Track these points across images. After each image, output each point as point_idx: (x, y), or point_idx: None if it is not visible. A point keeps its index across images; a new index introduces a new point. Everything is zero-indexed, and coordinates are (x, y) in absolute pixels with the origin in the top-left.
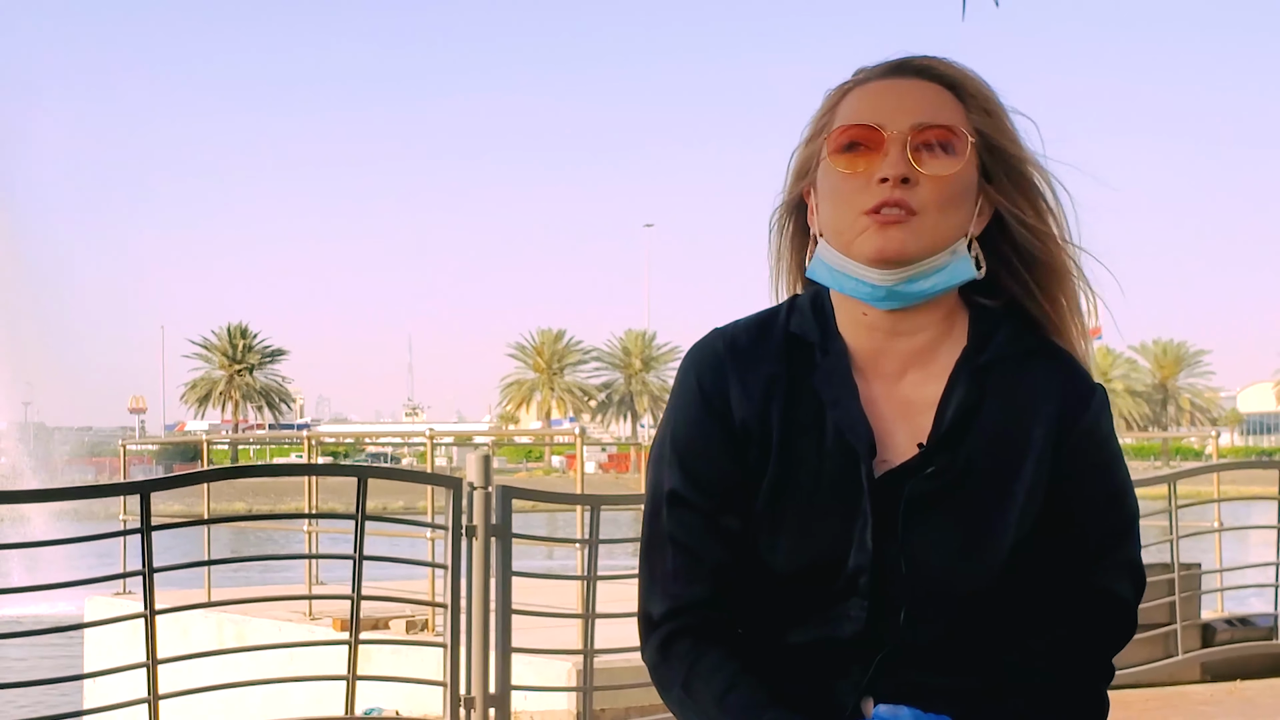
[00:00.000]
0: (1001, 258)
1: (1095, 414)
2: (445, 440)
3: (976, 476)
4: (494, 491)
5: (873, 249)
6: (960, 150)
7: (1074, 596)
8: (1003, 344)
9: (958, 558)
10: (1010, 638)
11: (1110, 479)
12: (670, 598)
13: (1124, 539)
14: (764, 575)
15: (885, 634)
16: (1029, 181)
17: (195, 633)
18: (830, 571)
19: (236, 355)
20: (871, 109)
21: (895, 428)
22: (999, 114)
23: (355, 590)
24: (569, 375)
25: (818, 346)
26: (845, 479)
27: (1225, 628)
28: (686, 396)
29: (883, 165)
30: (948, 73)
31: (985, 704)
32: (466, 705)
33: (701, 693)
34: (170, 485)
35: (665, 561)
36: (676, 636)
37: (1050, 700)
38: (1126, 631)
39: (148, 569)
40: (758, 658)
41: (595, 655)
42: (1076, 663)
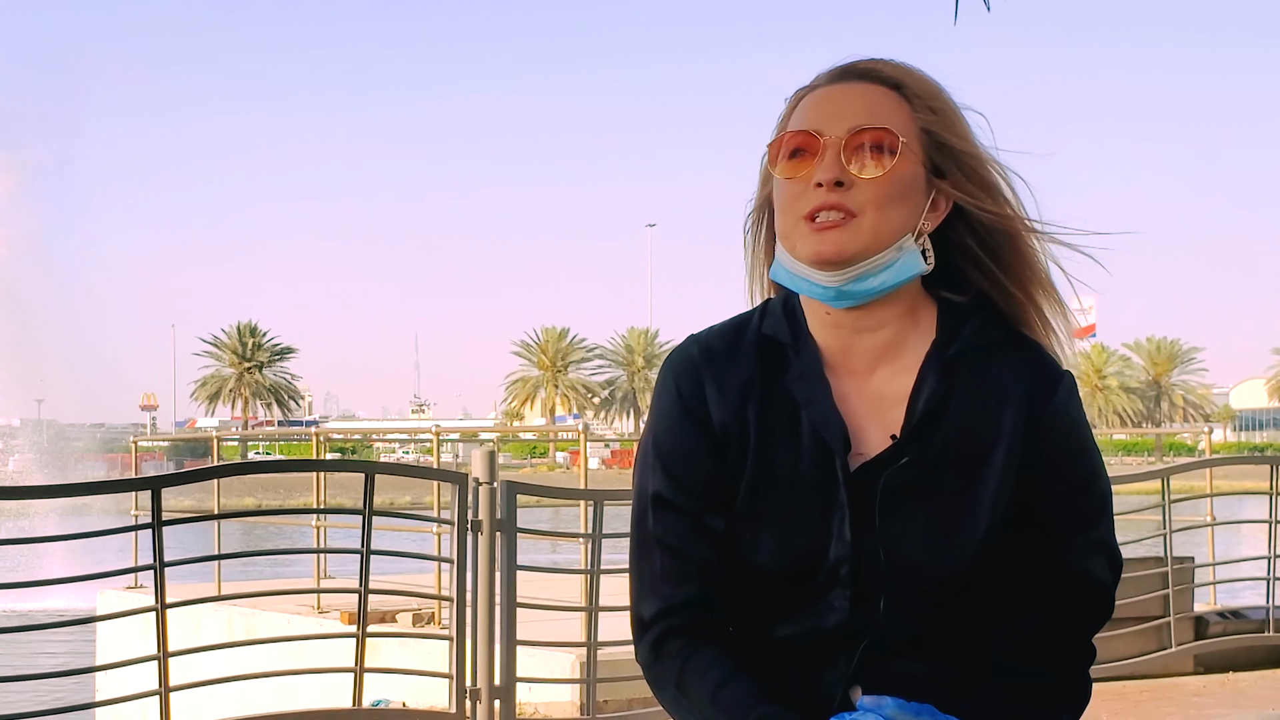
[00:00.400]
0: (964, 250)
1: (1063, 399)
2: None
3: (949, 466)
4: (499, 487)
5: (811, 252)
6: (893, 147)
7: (1050, 579)
8: (970, 336)
9: (934, 545)
10: (990, 622)
11: (1081, 463)
12: (660, 599)
13: (1097, 520)
14: (749, 572)
15: (869, 623)
16: (982, 173)
17: (206, 626)
18: (812, 565)
19: (246, 353)
20: (813, 116)
21: (868, 422)
22: (946, 111)
23: (363, 584)
24: (573, 373)
25: (790, 347)
26: (822, 474)
27: (1218, 620)
28: (666, 402)
29: (818, 170)
30: (892, 74)
31: (967, 690)
32: (472, 697)
33: (694, 690)
34: (181, 481)
35: (654, 564)
36: (668, 636)
37: (1032, 683)
38: (1104, 611)
39: (159, 563)
40: (748, 653)
41: (599, 648)
42: (1056, 645)
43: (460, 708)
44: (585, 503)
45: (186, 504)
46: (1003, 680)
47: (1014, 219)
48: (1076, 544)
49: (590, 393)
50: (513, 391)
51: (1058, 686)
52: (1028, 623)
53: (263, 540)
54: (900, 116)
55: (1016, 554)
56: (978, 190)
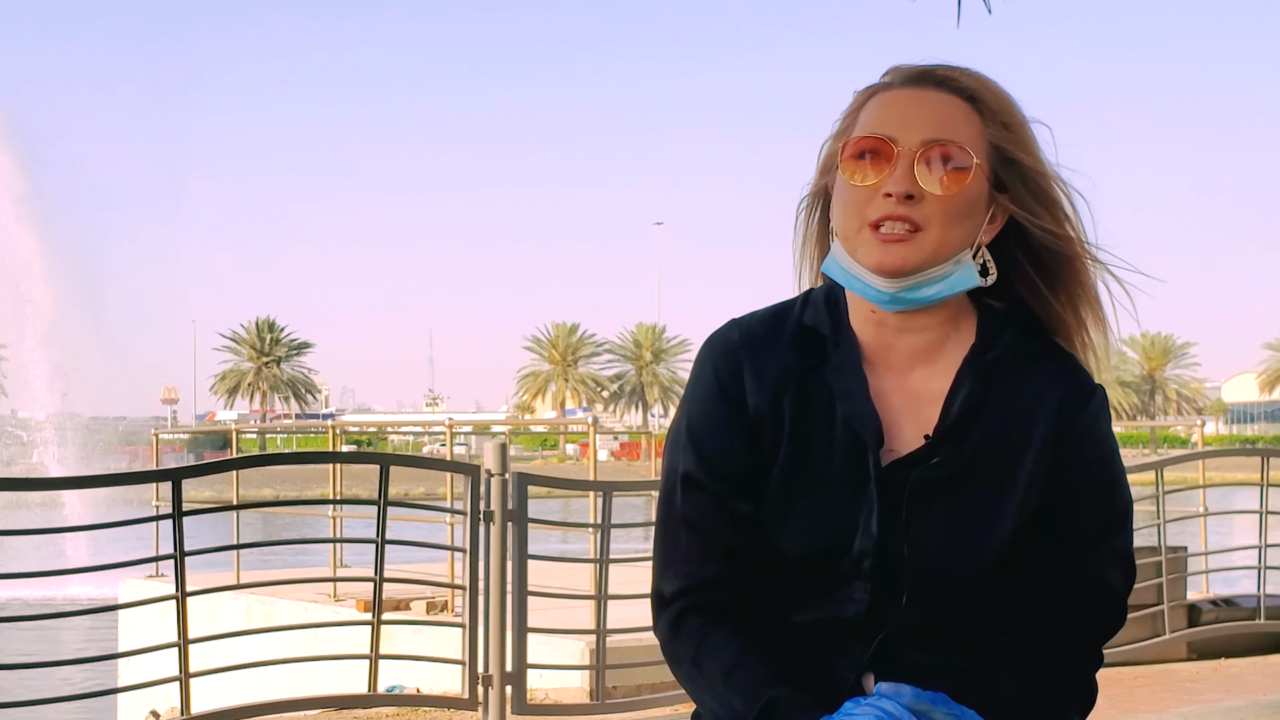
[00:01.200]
0: (1013, 262)
1: (1094, 412)
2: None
3: (979, 469)
4: (510, 478)
5: (874, 261)
6: (967, 165)
7: (1067, 585)
8: (1009, 344)
9: (958, 545)
10: (1005, 622)
11: (1106, 474)
12: (683, 577)
13: (1117, 532)
14: (773, 557)
15: (886, 615)
16: (1047, 191)
17: (225, 614)
18: (836, 555)
19: (264, 348)
20: (887, 119)
21: (902, 419)
22: (1018, 127)
23: (378, 573)
24: (582, 367)
25: (829, 340)
26: (853, 467)
27: (1210, 608)
28: (703, 384)
29: (889, 180)
30: (968, 85)
31: (979, 682)
32: (484, 683)
33: (710, 668)
34: (201, 472)
35: (679, 542)
36: (687, 614)
37: (1041, 681)
38: (1117, 620)
39: (179, 553)
40: (765, 636)
41: (608, 635)
42: (1068, 647)
43: (473, 693)
44: (594, 494)
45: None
46: (1015, 676)
47: (1071, 240)
48: (1096, 553)
49: (599, 386)
50: (524, 385)
51: (1067, 687)
52: (1043, 624)
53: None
54: (972, 130)
55: (1037, 558)
56: (1039, 207)
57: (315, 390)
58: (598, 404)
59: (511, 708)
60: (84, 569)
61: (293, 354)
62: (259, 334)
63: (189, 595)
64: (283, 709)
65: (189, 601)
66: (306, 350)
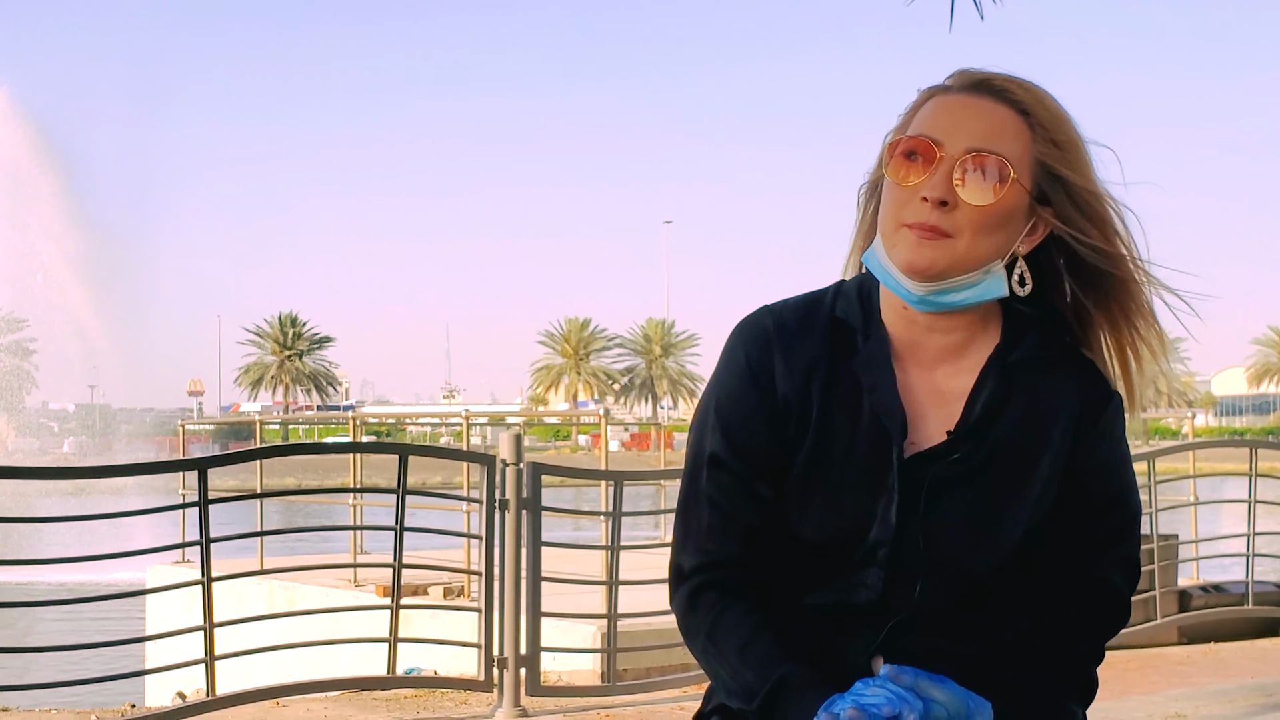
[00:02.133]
0: (1050, 272)
1: (1110, 418)
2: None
3: (997, 466)
4: (525, 468)
5: (904, 260)
6: (1004, 179)
7: (1075, 584)
8: (1033, 346)
9: (972, 539)
10: (1013, 615)
11: (1118, 480)
12: (702, 553)
13: (1125, 536)
14: (791, 540)
15: (898, 602)
16: (1095, 208)
17: (248, 598)
18: (853, 542)
19: (287, 342)
20: (938, 123)
21: (926, 414)
22: (1068, 144)
23: (397, 559)
24: (594, 360)
25: (860, 332)
26: (876, 458)
27: (1200, 594)
28: (733, 368)
29: (926, 183)
30: (1022, 98)
31: (984, 670)
32: (500, 665)
33: (724, 643)
34: (226, 462)
35: (700, 519)
36: (705, 589)
37: (1043, 674)
38: (1120, 620)
39: (205, 539)
40: (779, 615)
41: (619, 619)
42: (1072, 644)
43: (488, 675)
44: (605, 483)
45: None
46: (1020, 666)
47: (1119, 257)
48: (1103, 556)
49: (610, 379)
50: (538, 378)
51: (1070, 681)
52: (1049, 620)
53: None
54: (1019, 143)
55: (1047, 556)
56: (1086, 223)
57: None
58: (609, 396)
59: (525, 689)
60: (113, 555)
61: (314, 348)
62: (282, 328)
63: (214, 580)
64: (304, 690)
65: (214, 586)
66: (328, 344)
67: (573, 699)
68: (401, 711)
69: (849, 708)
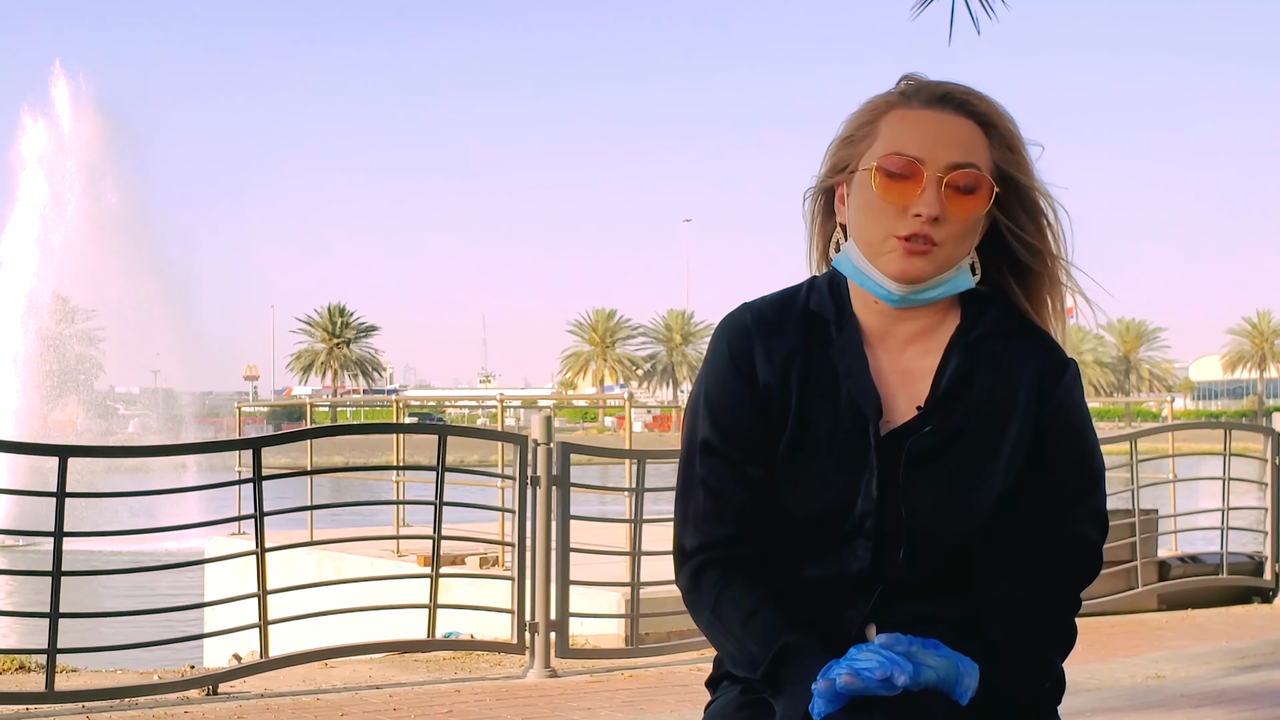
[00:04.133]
0: (995, 256)
1: (1069, 384)
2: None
3: (967, 436)
4: (555, 447)
5: (897, 270)
6: (984, 193)
7: (1049, 540)
8: (991, 323)
9: (950, 505)
10: (994, 574)
11: (1081, 440)
12: (701, 533)
13: (1092, 491)
14: (784, 518)
15: (887, 570)
16: (1035, 205)
17: (299, 567)
18: (840, 516)
19: (335, 330)
20: (914, 140)
21: (898, 393)
22: (1018, 148)
23: (436, 531)
24: (619, 348)
25: (834, 324)
26: (855, 437)
27: (1178, 565)
28: (718, 361)
29: (919, 201)
30: (982, 110)
31: (970, 630)
32: (531, 629)
33: (728, 616)
34: (278, 441)
35: (697, 502)
36: (706, 567)
37: (1026, 627)
38: (1093, 570)
39: (259, 513)
40: (777, 588)
41: (641, 587)
42: (1050, 596)
43: (520, 639)
44: (630, 461)
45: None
46: (1002, 623)
47: (1045, 254)
48: (1074, 511)
49: (634, 365)
50: (567, 364)
51: (1050, 631)
52: (1027, 575)
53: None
54: (985, 153)
55: (1021, 516)
56: (1025, 218)
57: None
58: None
59: (555, 652)
60: (175, 527)
61: (361, 336)
62: (331, 318)
63: (267, 551)
64: (351, 653)
65: (267, 556)
66: (373, 332)
67: (598, 660)
68: (440, 672)
69: (844, 673)
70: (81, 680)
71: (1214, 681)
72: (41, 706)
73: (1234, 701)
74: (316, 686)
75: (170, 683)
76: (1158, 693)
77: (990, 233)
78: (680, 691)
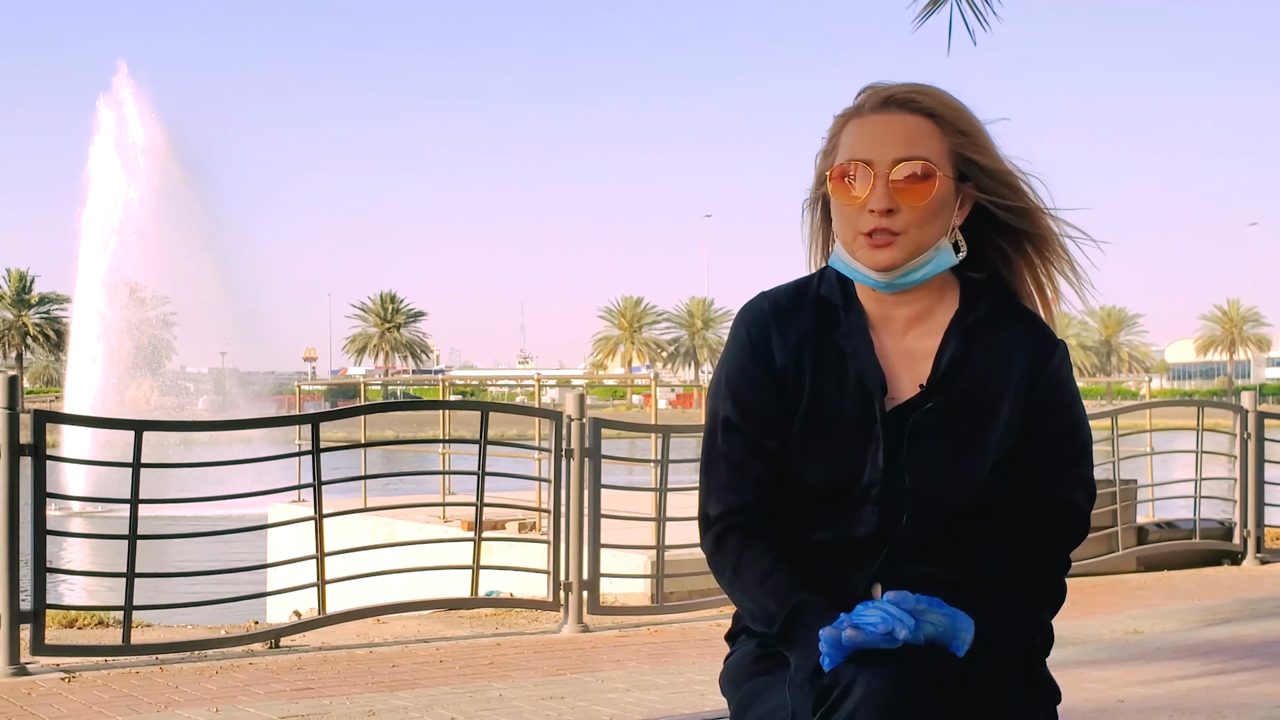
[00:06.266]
0: (985, 238)
1: (1058, 363)
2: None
3: (965, 411)
4: (587, 423)
5: (869, 262)
6: (931, 179)
7: (1040, 506)
8: (986, 308)
9: (949, 475)
10: (989, 537)
11: (1069, 413)
12: (723, 502)
13: (1080, 461)
14: (797, 488)
15: (891, 534)
16: (1005, 177)
17: (354, 532)
18: (849, 485)
19: (387, 316)
20: (863, 144)
21: (901, 373)
22: (973, 130)
23: (479, 499)
24: (646, 332)
25: (841, 309)
26: (862, 413)
27: (1155, 530)
28: (738, 345)
29: (871, 198)
30: (927, 104)
31: (970, 589)
32: (565, 589)
33: (747, 577)
34: (335, 417)
35: (719, 473)
36: (728, 533)
37: (1019, 586)
38: (1081, 533)
39: (318, 482)
40: (792, 551)
41: (665, 550)
42: (1041, 557)
43: (556, 597)
44: (655, 435)
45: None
46: (997, 582)
47: (1029, 209)
48: (1063, 479)
49: (660, 348)
50: (598, 347)
51: (1041, 590)
52: (1021, 539)
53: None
54: (934, 142)
55: (1015, 484)
56: (1001, 189)
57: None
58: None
59: (587, 609)
60: (241, 495)
61: (410, 320)
62: (382, 304)
63: (325, 516)
64: (400, 609)
65: (325, 522)
66: (421, 317)
67: (627, 616)
68: (482, 627)
69: (849, 627)
70: (155, 634)
71: (1188, 635)
72: (119, 658)
73: (1206, 654)
74: (369, 640)
75: (236, 637)
76: (1137, 646)
77: (982, 215)
78: (701, 645)
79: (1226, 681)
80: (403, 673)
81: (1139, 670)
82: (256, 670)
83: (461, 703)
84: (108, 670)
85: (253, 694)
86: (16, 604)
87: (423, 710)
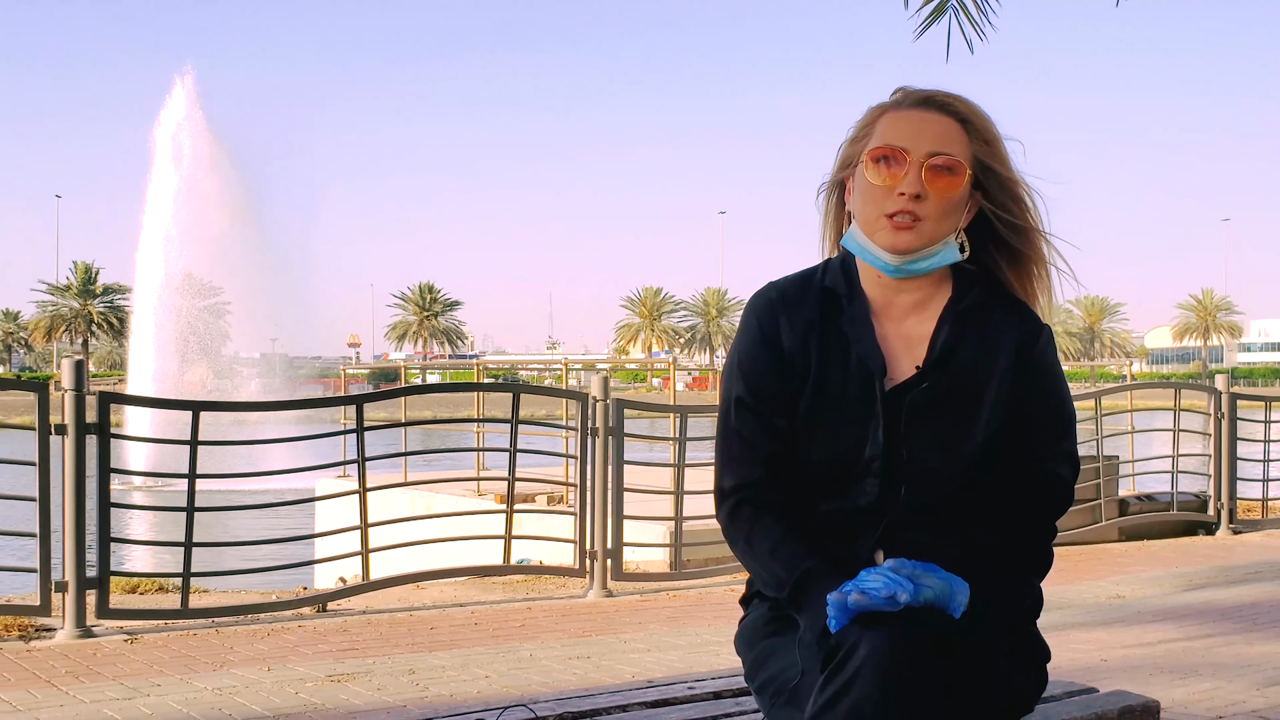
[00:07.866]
0: (983, 240)
1: (1044, 345)
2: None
3: (958, 391)
4: (611, 403)
5: (888, 243)
6: (960, 175)
7: (1028, 478)
8: (978, 296)
9: (944, 449)
10: (982, 507)
11: (1054, 392)
12: (736, 476)
13: (1065, 435)
14: (804, 462)
15: (891, 505)
16: (1015, 191)
17: (395, 504)
18: (852, 459)
19: (425, 305)
20: (901, 133)
21: (900, 356)
22: (995, 142)
23: (511, 474)
24: (664, 320)
25: (845, 297)
26: (864, 393)
27: (1136, 502)
28: (749, 331)
29: (903, 182)
30: (961, 110)
31: (964, 556)
32: (590, 557)
33: (759, 546)
34: (377, 398)
35: (733, 450)
36: (741, 505)
37: (1010, 552)
38: (1065, 503)
39: (361, 458)
40: (800, 522)
41: (683, 521)
42: (1030, 525)
43: (582, 565)
44: (673, 415)
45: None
46: (990, 549)
47: (1029, 229)
48: (1049, 453)
49: (677, 335)
50: (620, 334)
51: (1030, 556)
52: (1010, 508)
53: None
54: (963, 145)
55: (1005, 458)
56: (1008, 202)
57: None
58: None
59: (611, 575)
60: (291, 470)
61: (446, 309)
62: (421, 294)
63: (368, 490)
64: (438, 576)
65: (368, 495)
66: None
67: (647, 583)
68: (514, 592)
69: (854, 592)
70: (211, 599)
71: (1166, 600)
72: (177, 621)
73: (1183, 617)
74: (410, 605)
75: (286, 601)
76: (1119, 610)
77: (980, 221)
78: (717, 609)
79: (1203, 643)
80: (440, 634)
81: (1121, 632)
82: (305, 632)
83: (495, 662)
84: (167, 632)
85: (301, 654)
86: (83, 571)
87: (459, 669)
